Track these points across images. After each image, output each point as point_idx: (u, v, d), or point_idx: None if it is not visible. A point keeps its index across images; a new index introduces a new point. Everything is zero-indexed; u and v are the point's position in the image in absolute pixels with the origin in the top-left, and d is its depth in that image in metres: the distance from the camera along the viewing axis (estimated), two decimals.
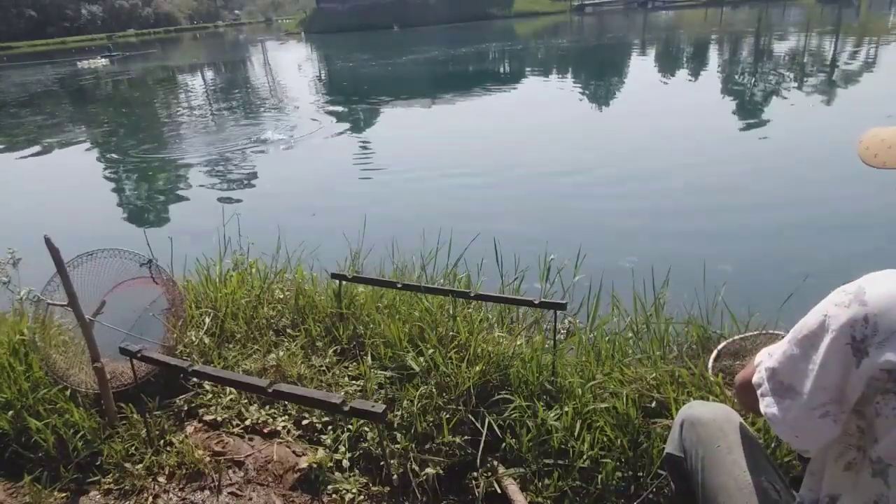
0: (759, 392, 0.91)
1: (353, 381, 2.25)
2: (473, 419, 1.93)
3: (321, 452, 1.93)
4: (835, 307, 0.81)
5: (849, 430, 0.85)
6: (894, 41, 19.69)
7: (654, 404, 1.86)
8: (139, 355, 1.89)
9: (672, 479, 1.33)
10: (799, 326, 0.87)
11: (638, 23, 40.00)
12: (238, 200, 7.29)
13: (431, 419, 1.94)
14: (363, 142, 10.55)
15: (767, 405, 0.89)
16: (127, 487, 1.91)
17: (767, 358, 0.92)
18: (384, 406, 1.53)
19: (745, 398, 0.98)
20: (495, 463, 1.86)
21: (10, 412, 2.10)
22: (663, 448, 1.34)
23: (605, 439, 1.78)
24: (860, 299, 0.78)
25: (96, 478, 1.96)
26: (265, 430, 2.10)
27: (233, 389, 2.22)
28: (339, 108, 14.57)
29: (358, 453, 1.94)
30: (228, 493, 1.89)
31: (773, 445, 1.64)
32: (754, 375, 0.92)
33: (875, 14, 32.18)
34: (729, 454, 1.15)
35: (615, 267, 4.13)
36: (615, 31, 35.88)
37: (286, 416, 2.15)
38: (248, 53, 43.56)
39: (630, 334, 2.46)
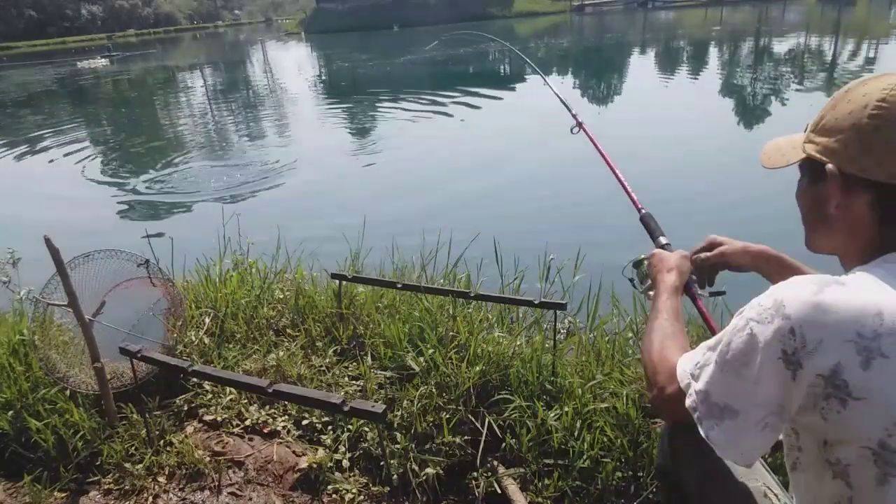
0: (695, 416, 0.92)
1: (353, 381, 2.25)
2: (473, 419, 1.93)
3: (321, 452, 1.93)
4: (758, 325, 0.82)
5: (786, 432, 0.88)
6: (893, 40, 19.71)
7: None
8: (139, 355, 1.90)
9: (664, 491, 1.32)
10: (720, 347, 0.88)
11: (638, 23, 40.01)
12: (238, 200, 7.28)
13: (431, 419, 1.94)
14: (362, 141, 10.55)
15: (707, 429, 0.90)
16: (127, 487, 1.90)
17: (693, 380, 0.93)
18: (384, 406, 1.54)
19: (674, 413, 0.99)
20: (495, 463, 1.86)
21: (10, 412, 2.10)
22: None
23: (605, 439, 1.78)
24: (782, 313, 0.80)
25: (96, 478, 1.96)
26: (265, 430, 2.10)
27: (233, 389, 2.22)
28: (339, 108, 14.57)
29: (358, 453, 1.94)
30: (228, 493, 1.89)
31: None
32: (687, 399, 0.93)
33: (875, 13, 32.20)
34: (722, 460, 1.12)
35: (615, 267, 4.12)
36: (615, 31, 35.88)
37: (286, 416, 2.15)
38: (248, 53, 43.58)
39: (630, 334, 2.46)
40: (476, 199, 6.78)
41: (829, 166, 0.88)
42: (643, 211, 1.39)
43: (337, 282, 2.59)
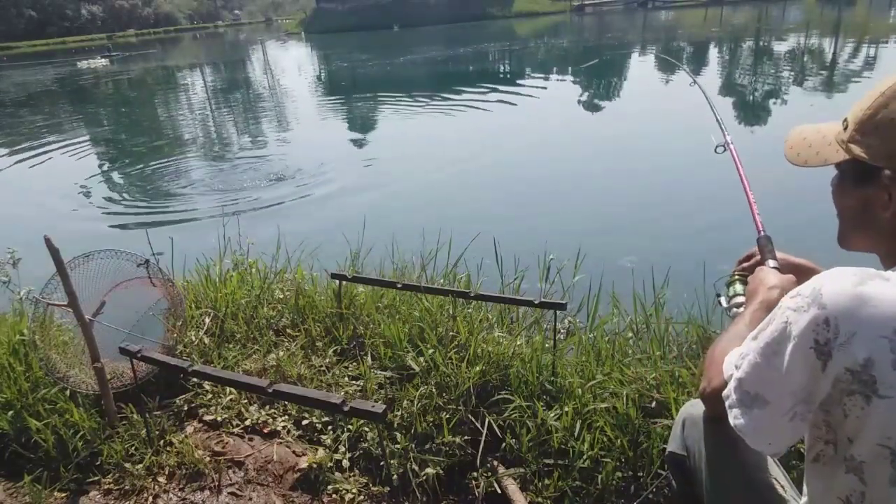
0: (726, 404, 0.91)
1: (353, 381, 2.25)
2: (473, 419, 1.93)
3: (321, 452, 1.93)
4: (794, 313, 0.81)
5: (816, 424, 0.86)
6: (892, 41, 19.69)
7: (654, 404, 1.86)
8: (139, 355, 1.90)
9: (673, 478, 1.32)
10: (760, 336, 0.87)
11: (638, 23, 40.00)
12: (238, 200, 7.28)
13: (431, 419, 1.94)
14: (362, 140, 10.56)
15: (735, 417, 0.89)
16: (127, 487, 1.91)
17: (735, 370, 0.92)
18: (384, 406, 1.54)
19: (716, 405, 0.97)
20: (495, 463, 1.86)
21: (10, 412, 2.10)
22: (664, 448, 1.34)
23: (605, 439, 1.78)
24: (818, 302, 0.78)
25: (96, 478, 1.96)
26: (265, 430, 2.10)
27: (233, 389, 2.22)
28: (338, 108, 14.58)
29: (358, 453, 1.94)
30: (228, 493, 1.89)
31: None
32: (726, 389, 0.93)
33: (875, 13, 32.18)
34: (733, 452, 1.13)
35: (615, 267, 4.12)
36: (615, 31, 35.87)
37: (286, 416, 2.14)
38: (248, 53, 43.58)
39: (630, 334, 2.46)
40: (476, 198, 6.78)
41: (888, 172, 0.84)
42: (762, 233, 1.38)
43: (337, 282, 2.59)
